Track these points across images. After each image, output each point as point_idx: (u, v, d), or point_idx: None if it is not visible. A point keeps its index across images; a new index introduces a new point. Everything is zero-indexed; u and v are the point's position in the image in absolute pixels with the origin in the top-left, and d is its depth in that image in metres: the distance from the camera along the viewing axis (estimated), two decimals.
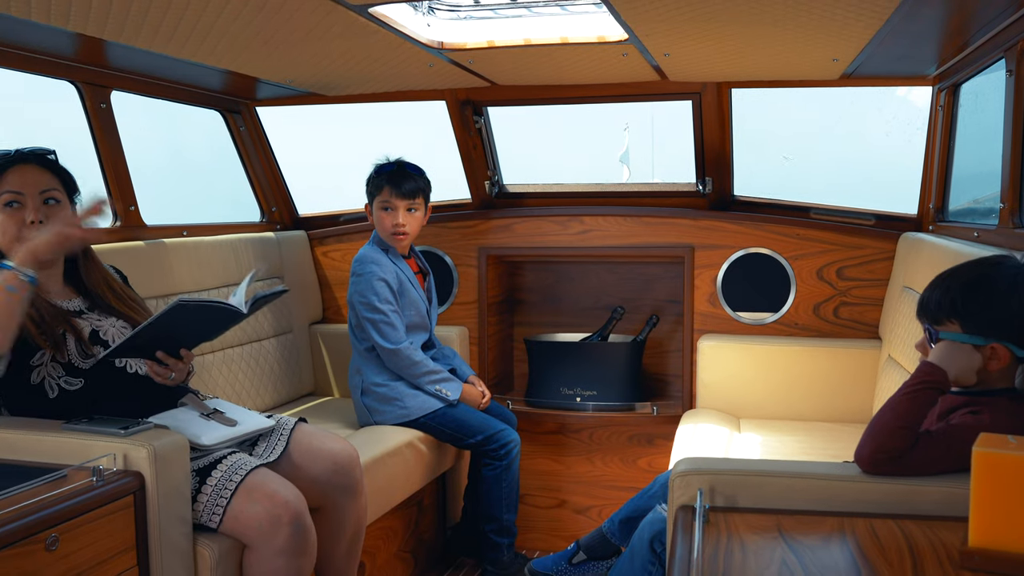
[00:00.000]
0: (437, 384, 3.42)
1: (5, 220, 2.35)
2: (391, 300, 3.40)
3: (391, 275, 3.43)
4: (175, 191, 5.17)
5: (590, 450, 4.01)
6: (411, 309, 3.49)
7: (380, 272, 3.41)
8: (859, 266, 3.65)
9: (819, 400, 3.56)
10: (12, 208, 2.36)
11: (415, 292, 3.51)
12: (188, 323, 2.37)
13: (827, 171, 5.43)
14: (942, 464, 1.82)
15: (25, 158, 2.41)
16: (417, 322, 3.53)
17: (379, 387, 3.43)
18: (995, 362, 1.90)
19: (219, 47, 2.86)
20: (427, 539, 3.76)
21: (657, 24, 2.61)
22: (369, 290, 3.38)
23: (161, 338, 2.38)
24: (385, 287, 3.39)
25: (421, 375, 3.40)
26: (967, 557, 1.49)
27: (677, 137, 3.91)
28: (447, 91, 3.85)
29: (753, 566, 1.53)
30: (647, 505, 2.80)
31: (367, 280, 3.40)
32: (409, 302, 3.48)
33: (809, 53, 2.98)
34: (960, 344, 1.91)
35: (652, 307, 4.07)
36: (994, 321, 1.89)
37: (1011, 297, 1.89)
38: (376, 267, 3.41)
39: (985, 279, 1.94)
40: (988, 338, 1.89)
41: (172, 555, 2.21)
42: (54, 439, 2.21)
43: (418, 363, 3.39)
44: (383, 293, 3.38)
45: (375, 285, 3.38)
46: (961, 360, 1.90)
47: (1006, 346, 1.88)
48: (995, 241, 2.71)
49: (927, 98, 3.52)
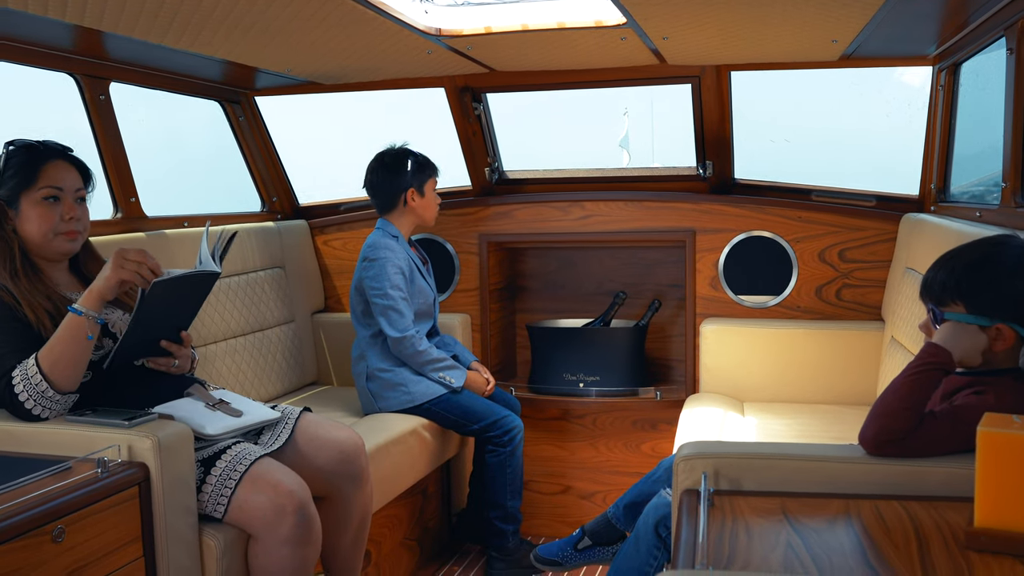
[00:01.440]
0: (441, 372, 3.43)
1: (44, 214, 2.41)
2: (402, 287, 3.41)
3: (404, 262, 3.45)
4: (175, 182, 5.16)
5: (594, 436, 4.02)
6: (419, 297, 3.51)
7: (394, 258, 3.42)
8: (861, 248, 3.64)
9: (822, 382, 3.56)
10: (50, 203, 2.41)
11: (423, 280, 3.54)
12: (172, 302, 2.39)
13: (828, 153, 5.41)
14: (947, 445, 1.81)
15: (59, 154, 2.46)
16: (423, 310, 3.55)
17: (384, 373, 3.44)
18: (1000, 343, 1.89)
19: (217, 37, 2.85)
20: (432, 527, 3.77)
21: (655, 7, 2.60)
22: (383, 275, 3.39)
23: (154, 326, 2.39)
24: (398, 274, 3.41)
25: (426, 363, 3.41)
26: (972, 538, 1.49)
27: (677, 121, 3.90)
28: (446, 78, 3.84)
29: (758, 549, 1.53)
30: (651, 490, 2.80)
31: (381, 265, 3.40)
32: (417, 290, 3.50)
33: (808, 35, 2.97)
34: (965, 325, 1.90)
35: (654, 292, 4.07)
36: (999, 301, 1.89)
37: (1016, 277, 1.89)
38: (390, 253, 3.43)
39: (989, 259, 1.93)
40: (993, 319, 1.88)
41: (177, 545, 2.21)
42: (59, 431, 2.22)
43: (423, 351, 3.40)
44: (395, 280, 3.39)
45: (388, 271, 3.39)
46: (966, 341, 1.89)
47: (1011, 327, 1.87)
48: (997, 221, 2.70)
49: (920, 78, 3.51)
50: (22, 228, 2.40)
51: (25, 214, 2.40)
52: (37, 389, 2.22)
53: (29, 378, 2.22)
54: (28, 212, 2.40)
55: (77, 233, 2.47)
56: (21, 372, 2.23)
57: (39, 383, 2.22)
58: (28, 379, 2.22)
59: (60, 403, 2.26)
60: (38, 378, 2.22)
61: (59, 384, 2.24)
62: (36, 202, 2.40)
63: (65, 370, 2.24)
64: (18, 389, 2.22)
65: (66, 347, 2.24)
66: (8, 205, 2.39)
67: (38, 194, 2.40)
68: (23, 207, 2.39)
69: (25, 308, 2.30)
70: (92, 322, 2.26)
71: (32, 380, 2.22)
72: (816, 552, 1.50)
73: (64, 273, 2.52)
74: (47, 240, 2.42)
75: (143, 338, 2.38)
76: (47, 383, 2.22)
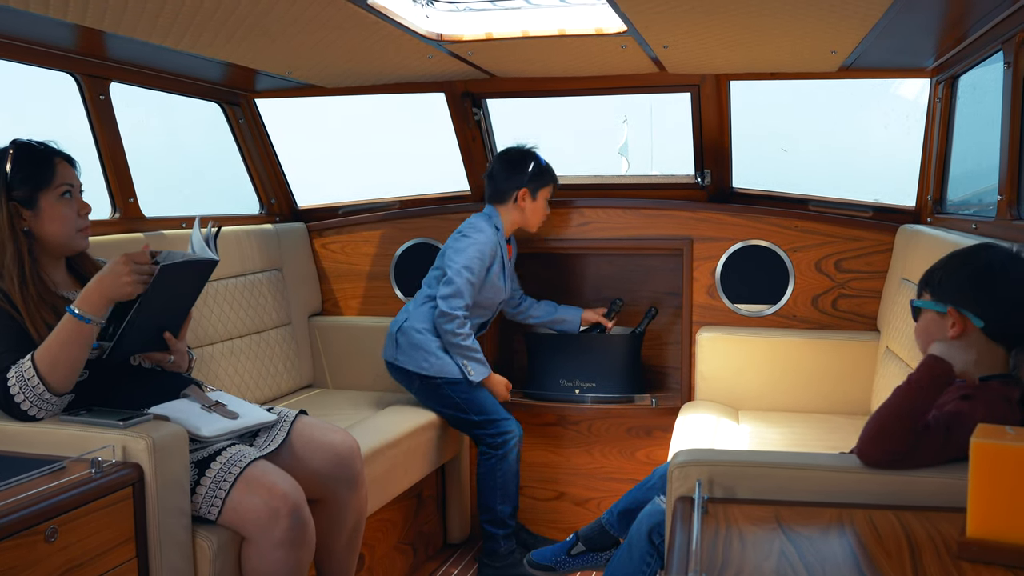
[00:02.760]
0: (466, 360, 3.48)
1: (64, 209, 2.42)
2: (474, 271, 3.48)
3: (491, 251, 3.55)
4: (174, 183, 5.16)
5: (589, 442, 4.02)
6: (489, 291, 3.59)
7: (484, 242, 3.53)
8: (857, 258, 3.65)
9: (817, 392, 3.56)
10: (67, 199, 2.43)
11: (501, 278, 3.62)
12: (174, 290, 2.40)
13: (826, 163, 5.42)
14: (945, 454, 1.82)
15: (57, 153, 2.47)
16: (486, 304, 3.63)
17: (417, 333, 3.52)
18: (955, 329, 1.96)
19: (218, 38, 2.85)
20: (427, 531, 3.77)
21: (656, 16, 2.61)
22: (465, 253, 3.50)
23: (156, 314, 2.40)
24: (479, 259, 3.50)
25: (459, 346, 3.47)
26: (965, 548, 1.50)
27: (676, 129, 3.91)
28: (446, 83, 3.85)
29: (752, 557, 1.53)
30: (645, 497, 2.80)
31: (469, 243, 3.52)
32: (491, 285, 3.58)
33: (807, 45, 2.98)
34: (931, 314, 2.01)
35: (651, 299, 4.07)
36: (951, 286, 1.99)
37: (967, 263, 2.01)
38: (482, 236, 3.55)
39: (957, 255, 2.05)
40: (946, 303, 1.98)
41: (171, 547, 2.21)
42: (53, 431, 2.22)
43: (461, 334, 3.45)
44: (474, 263, 3.49)
45: (471, 251, 3.51)
46: (937, 332, 1.98)
47: (959, 311, 1.95)
48: (993, 232, 2.71)
49: (915, 90, 3.52)
50: (42, 228, 2.39)
51: (47, 213, 2.39)
52: (34, 391, 2.22)
53: (26, 379, 2.22)
54: (49, 211, 2.39)
55: (89, 229, 2.50)
56: (16, 372, 2.22)
57: (35, 384, 2.22)
58: (24, 379, 2.22)
59: (55, 403, 2.26)
60: (35, 379, 2.21)
61: (55, 385, 2.24)
62: (56, 199, 2.40)
63: (62, 371, 2.24)
64: (14, 390, 2.22)
65: (64, 349, 2.23)
66: (24, 206, 2.38)
67: (56, 192, 2.40)
68: (43, 206, 2.38)
69: (27, 322, 2.30)
70: (95, 328, 2.26)
71: (28, 381, 2.21)
72: (809, 560, 1.50)
73: (61, 271, 2.52)
74: (70, 238, 2.44)
75: (145, 326, 2.39)
76: (43, 384, 2.22)
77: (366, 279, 4.17)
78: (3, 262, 2.33)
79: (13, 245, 2.34)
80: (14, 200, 2.36)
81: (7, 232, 2.34)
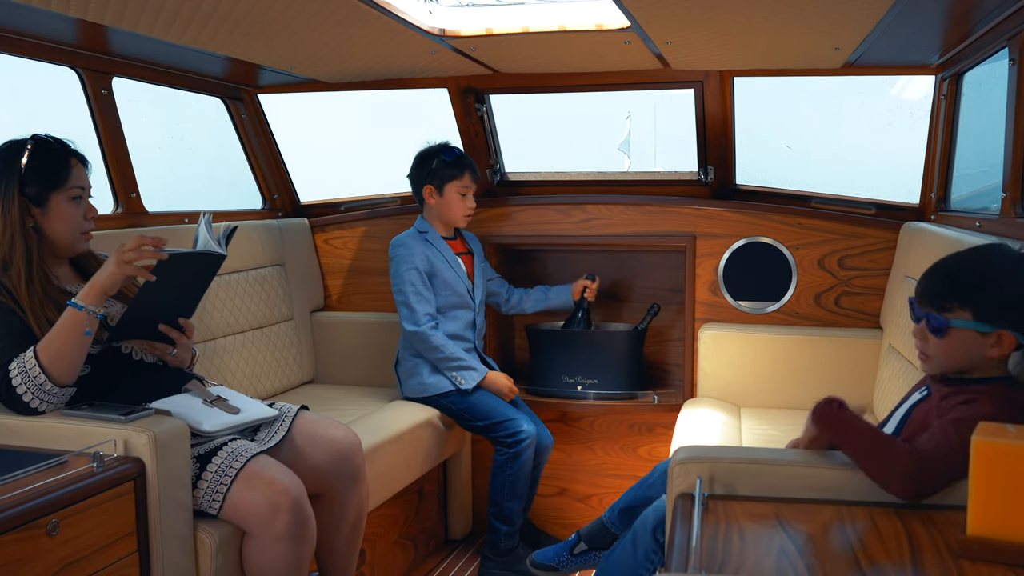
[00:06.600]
0: (454, 371, 3.51)
1: (73, 213, 2.44)
2: (415, 283, 3.52)
3: (420, 260, 3.56)
4: (176, 178, 5.16)
5: (591, 438, 4.02)
6: (446, 290, 3.60)
7: (407, 255, 3.56)
8: (860, 255, 3.64)
9: (819, 389, 3.49)
10: (76, 202, 2.45)
11: (451, 272, 3.61)
12: (180, 281, 2.41)
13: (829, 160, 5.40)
14: (964, 465, 1.78)
15: (74, 153, 2.49)
16: (457, 302, 3.63)
17: (406, 361, 3.61)
18: (998, 349, 1.88)
19: (220, 33, 2.85)
20: (428, 526, 3.77)
21: (660, 12, 2.60)
22: (396, 272, 3.58)
23: (161, 302, 2.41)
24: (411, 270, 3.53)
25: (440, 359, 3.51)
26: (965, 546, 1.49)
27: (679, 125, 3.90)
28: (449, 78, 3.84)
29: (751, 554, 1.53)
30: (647, 494, 2.79)
31: (396, 263, 3.59)
32: (443, 283, 3.59)
33: (812, 42, 2.97)
34: (969, 332, 1.89)
35: (653, 296, 4.06)
36: (1003, 308, 1.88)
37: (1015, 283, 1.89)
38: (404, 251, 3.58)
39: (991, 266, 1.94)
40: (996, 325, 1.88)
41: (172, 541, 2.21)
42: (55, 425, 2.23)
43: (438, 347, 3.49)
44: (408, 276, 3.53)
45: (400, 268, 3.55)
46: (974, 350, 1.89)
47: (1013, 334, 1.87)
48: (997, 230, 2.70)
49: (921, 91, 3.50)
50: (48, 226, 2.42)
51: (55, 213, 2.41)
52: (35, 382, 2.22)
53: (27, 371, 2.22)
54: (58, 211, 2.41)
55: (92, 232, 2.52)
56: (19, 364, 2.23)
57: (37, 376, 2.22)
58: (26, 372, 2.22)
59: (58, 396, 2.27)
60: (36, 371, 2.22)
61: (57, 377, 2.25)
62: (66, 201, 2.42)
63: (64, 363, 2.25)
64: (16, 382, 2.23)
65: (65, 341, 2.24)
66: (34, 203, 2.39)
67: (68, 194, 2.42)
68: (52, 206, 2.41)
69: (30, 318, 2.30)
70: (91, 317, 2.26)
71: (30, 373, 2.22)
72: (809, 558, 1.50)
73: (64, 267, 2.53)
74: (73, 240, 2.46)
75: (149, 313, 2.39)
76: (45, 376, 2.23)
77: (368, 275, 4.17)
78: (12, 257, 2.34)
79: (23, 242, 2.36)
80: (25, 196, 2.38)
81: (18, 228, 2.36)
